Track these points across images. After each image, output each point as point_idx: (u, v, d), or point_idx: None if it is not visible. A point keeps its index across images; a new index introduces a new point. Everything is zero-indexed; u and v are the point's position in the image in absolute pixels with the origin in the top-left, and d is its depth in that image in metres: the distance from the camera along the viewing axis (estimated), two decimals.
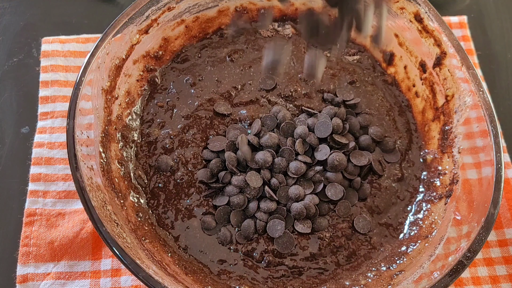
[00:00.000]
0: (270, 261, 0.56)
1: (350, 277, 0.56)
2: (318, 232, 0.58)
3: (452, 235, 0.53)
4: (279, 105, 0.64)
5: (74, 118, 0.52)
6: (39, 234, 0.60)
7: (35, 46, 0.75)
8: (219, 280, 0.55)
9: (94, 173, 0.53)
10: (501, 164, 0.53)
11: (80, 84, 0.54)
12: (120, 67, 0.62)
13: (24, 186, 0.64)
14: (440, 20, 0.61)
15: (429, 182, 0.62)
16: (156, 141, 0.62)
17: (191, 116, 0.64)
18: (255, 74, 0.67)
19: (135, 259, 0.47)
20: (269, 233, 0.57)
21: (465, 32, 0.79)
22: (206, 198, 0.59)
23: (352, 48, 0.71)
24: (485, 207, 0.51)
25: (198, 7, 0.68)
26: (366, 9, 0.49)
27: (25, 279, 0.58)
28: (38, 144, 0.66)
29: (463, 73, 0.59)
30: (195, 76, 0.67)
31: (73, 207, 0.63)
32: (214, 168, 0.59)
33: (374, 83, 0.68)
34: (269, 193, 0.57)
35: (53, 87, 0.70)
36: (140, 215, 0.57)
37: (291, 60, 0.69)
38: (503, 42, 0.80)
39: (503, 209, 0.64)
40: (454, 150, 0.60)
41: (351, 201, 0.60)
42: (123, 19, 0.60)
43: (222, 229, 0.57)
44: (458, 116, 0.60)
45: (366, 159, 0.60)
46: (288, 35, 0.71)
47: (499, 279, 0.61)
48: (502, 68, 0.78)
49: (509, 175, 0.66)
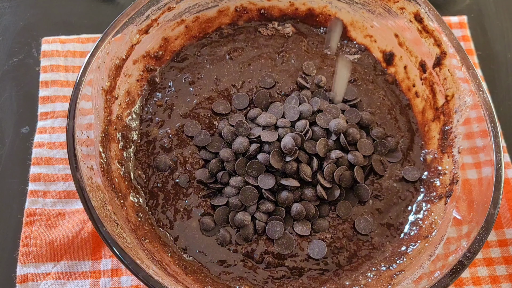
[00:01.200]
0: (270, 262, 0.56)
1: (350, 277, 0.56)
2: (318, 233, 0.58)
3: (452, 235, 0.53)
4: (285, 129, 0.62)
5: (74, 118, 0.52)
6: (39, 234, 0.60)
7: (35, 46, 0.75)
8: (219, 280, 0.55)
9: (94, 173, 0.53)
10: (501, 164, 0.53)
11: (80, 84, 0.54)
12: (120, 67, 0.62)
13: (24, 186, 0.64)
14: (440, 20, 0.61)
15: (429, 182, 0.61)
16: (155, 141, 0.62)
17: (189, 115, 0.64)
18: (254, 72, 0.67)
19: (135, 259, 0.47)
20: (268, 235, 0.57)
21: (465, 32, 0.79)
22: (205, 198, 0.59)
23: (352, 47, 0.71)
24: (485, 207, 0.51)
25: (198, 7, 0.68)
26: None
27: (25, 279, 0.58)
28: (38, 144, 0.66)
29: (463, 73, 0.59)
30: (194, 75, 0.67)
31: (73, 207, 0.63)
32: (213, 168, 0.59)
33: (375, 81, 0.68)
34: (266, 194, 0.57)
35: (53, 87, 0.70)
36: (140, 215, 0.57)
37: (291, 58, 0.69)
38: (503, 42, 0.80)
39: (503, 209, 0.64)
40: (454, 150, 0.60)
41: (351, 201, 0.60)
42: (123, 19, 0.60)
43: (221, 230, 0.57)
44: (458, 116, 0.60)
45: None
46: (288, 34, 0.71)
47: (499, 279, 0.61)
48: (502, 68, 0.78)
49: (509, 175, 0.66)
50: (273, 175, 0.58)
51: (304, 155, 0.59)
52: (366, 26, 0.69)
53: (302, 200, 0.58)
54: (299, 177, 0.58)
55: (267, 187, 0.57)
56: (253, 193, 0.57)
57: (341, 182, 0.59)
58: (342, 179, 0.59)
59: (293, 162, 0.58)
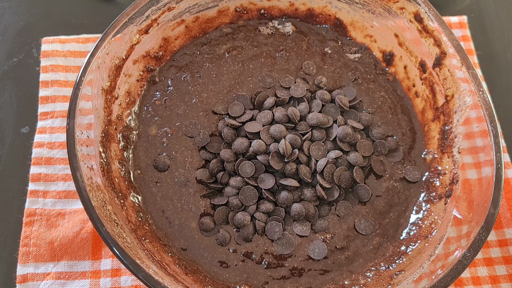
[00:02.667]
0: (270, 263, 0.56)
1: (350, 277, 0.56)
2: (318, 233, 0.58)
3: (452, 235, 0.53)
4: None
5: (74, 118, 0.52)
6: (39, 234, 0.60)
7: (35, 46, 0.75)
8: (219, 280, 0.55)
9: (94, 173, 0.53)
10: (501, 164, 0.53)
11: (80, 84, 0.54)
12: (120, 67, 0.62)
13: (24, 186, 0.64)
14: (440, 20, 0.61)
15: (429, 182, 0.61)
16: (154, 140, 0.62)
17: (188, 114, 0.64)
18: (254, 70, 0.67)
19: (135, 259, 0.47)
20: (268, 236, 0.57)
21: (465, 32, 0.79)
22: (204, 198, 0.59)
23: (353, 46, 0.71)
24: (485, 207, 0.51)
25: (198, 7, 0.68)
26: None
27: (25, 279, 0.58)
28: (38, 144, 0.66)
29: (463, 73, 0.59)
30: (193, 73, 0.67)
31: (73, 207, 0.63)
32: (214, 168, 0.59)
33: (376, 80, 0.68)
34: (266, 194, 0.57)
35: (53, 87, 0.70)
36: (141, 215, 0.57)
37: (291, 57, 0.69)
38: (503, 42, 0.80)
39: (503, 209, 0.64)
40: (454, 150, 0.60)
41: (351, 202, 0.60)
42: (123, 19, 0.60)
43: (221, 230, 0.57)
44: (458, 116, 0.60)
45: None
46: (288, 33, 0.71)
47: (499, 279, 0.61)
48: (502, 68, 0.78)
49: (509, 175, 0.66)
50: (272, 175, 0.58)
51: (304, 156, 0.59)
52: (366, 26, 0.69)
53: (302, 200, 0.58)
54: (299, 177, 0.58)
55: (266, 187, 0.57)
56: (253, 193, 0.57)
57: (340, 182, 0.59)
58: (342, 180, 0.59)
59: (292, 163, 0.58)
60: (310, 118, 0.61)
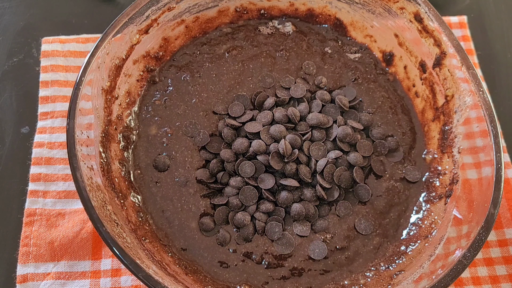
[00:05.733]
0: (270, 263, 0.56)
1: (350, 277, 0.56)
2: (319, 234, 0.58)
3: (452, 235, 0.53)
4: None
5: (74, 118, 0.52)
6: (39, 234, 0.60)
7: (35, 46, 0.75)
8: (219, 280, 0.55)
9: (94, 173, 0.53)
10: (501, 164, 0.53)
11: (80, 84, 0.54)
12: (120, 67, 0.62)
13: (24, 186, 0.64)
14: (440, 20, 0.61)
15: (429, 182, 0.61)
16: (154, 140, 0.62)
17: (188, 114, 0.64)
18: (254, 70, 0.67)
19: (135, 259, 0.47)
20: (268, 236, 0.57)
21: (465, 32, 0.79)
22: (204, 198, 0.59)
23: (353, 46, 0.71)
24: (485, 207, 0.51)
25: (198, 7, 0.68)
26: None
27: (25, 279, 0.58)
28: (38, 144, 0.66)
29: (463, 73, 0.59)
30: (193, 73, 0.67)
31: (73, 207, 0.63)
32: (214, 168, 0.59)
33: (376, 80, 0.68)
34: (266, 194, 0.57)
35: (53, 87, 0.70)
36: (141, 215, 0.57)
37: (291, 56, 0.69)
38: (503, 42, 0.80)
39: (503, 209, 0.64)
40: (454, 150, 0.60)
41: (352, 202, 0.60)
42: (123, 19, 0.60)
43: (221, 230, 0.57)
44: (458, 116, 0.60)
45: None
46: (288, 32, 0.71)
47: (499, 279, 0.61)
48: (502, 68, 0.78)
49: (509, 175, 0.66)
50: (272, 175, 0.58)
51: (304, 156, 0.59)
52: (366, 26, 0.69)
53: (302, 200, 0.58)
54: (299, 178, 0.58)
55: (266, 187, 0.57)
56: (253, 193, 0.57)
57: (340, 182, 0.59)
58: (342, 180, 0.59)
59: (292, 163, 0.58)
60: (310, 118, 0.61)
